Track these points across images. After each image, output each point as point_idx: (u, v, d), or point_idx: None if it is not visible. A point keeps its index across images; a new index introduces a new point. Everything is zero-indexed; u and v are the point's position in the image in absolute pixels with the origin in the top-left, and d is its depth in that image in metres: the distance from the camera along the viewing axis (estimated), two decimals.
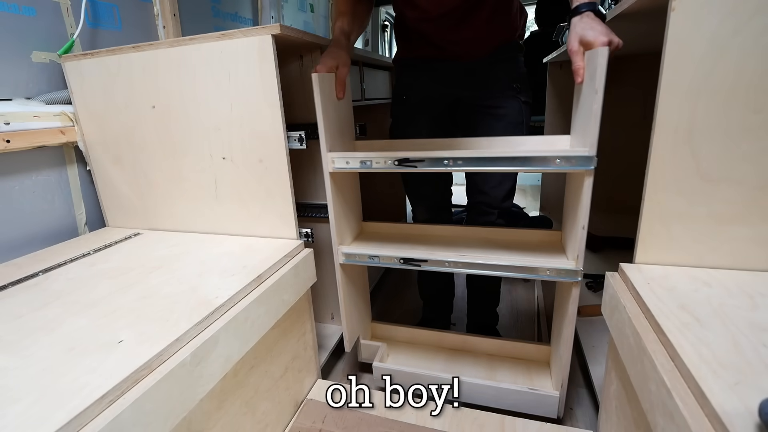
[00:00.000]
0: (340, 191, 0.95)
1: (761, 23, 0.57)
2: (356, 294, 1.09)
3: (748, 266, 0.67)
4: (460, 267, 0.87)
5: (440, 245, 0.97)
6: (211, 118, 0.90)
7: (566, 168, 0.74)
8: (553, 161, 0.74)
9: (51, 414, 0.43)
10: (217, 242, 0.93)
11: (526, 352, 1.08)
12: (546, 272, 0.82)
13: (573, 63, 0.74)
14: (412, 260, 0.90)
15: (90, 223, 1.08)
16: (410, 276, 1.84)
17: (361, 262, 0.95)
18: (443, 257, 0.88)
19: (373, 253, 0.93)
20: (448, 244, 0.98)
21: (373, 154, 0.85)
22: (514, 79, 1.03)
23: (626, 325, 0.60)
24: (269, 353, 0.80)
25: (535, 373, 1.04)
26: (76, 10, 1.01)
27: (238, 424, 0.71)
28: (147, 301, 0.67)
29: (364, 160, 0.85)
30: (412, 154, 0.81)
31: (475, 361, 1.09)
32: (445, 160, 0.79)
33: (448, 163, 0.79)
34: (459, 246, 0.96)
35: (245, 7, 1.75)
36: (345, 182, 0.99)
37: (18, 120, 0.88)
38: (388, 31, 3.40)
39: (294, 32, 0.84)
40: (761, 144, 0.61)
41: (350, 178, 1.03)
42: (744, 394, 0.42)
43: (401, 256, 0.90)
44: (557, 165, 0.74)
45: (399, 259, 0.91)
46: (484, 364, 1.08)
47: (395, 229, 1.10)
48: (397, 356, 1.13)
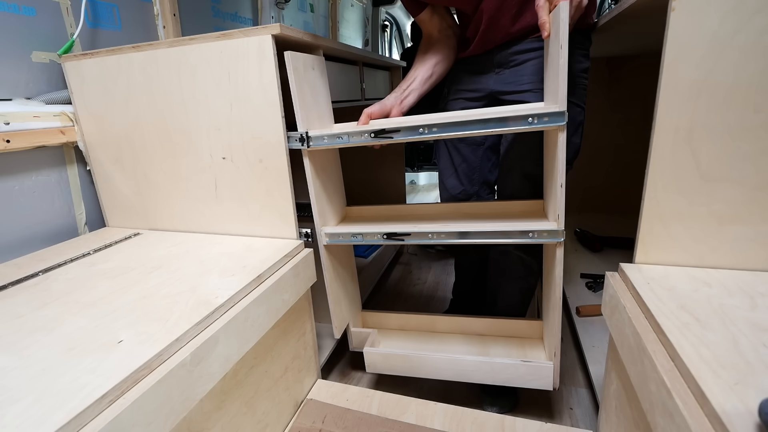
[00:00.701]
0: (320, 172, 0.94)
1: (761, 23, 0.57)
2: (344, 279, 1.08)
3: (748, 266, 0.67)
4: (443, 237, 0.87)
5: (424, 221, 0.98)
6: (211, 118, 0.90)
7: (539, 125, 0.75)
8: (526, 119, 0.75)
9: (51, 414, 0.43)
10: (217, 242, 0.94)
11: (518, 329, 1.07)
12: (529, 235, 0.82)
13: (539, 18, 0.74)
14: (396, 234, 0.89)
15: (90, 223, 1.08)
16: (411, 276, 1.84)
17: (345, 241, 0.94)
18: (427, 229, 0.88)
19: (356, 231, 0.93)
20: (432, 219, 0.98)
21: (349, 129, 0.85)
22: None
23: (626, 325, 0.60)
24: (269, 353, 0.80)
25: (528, 348, 1.03)
26: (76, 10, 1.01)
27: (238, 424, 0.72)
28: (147, 301, 0.67)
29: (339, 135, 0.85)
30: (388, 125, 0.82)
31: (467, 341, 1.09)
32: (420, 128, 0.79)
33: (423, 130, 0.79)
34: (442, 220, 0.97)
35: (245, 7, 1.75)
36: (325, 163, 0.98)
37: (18, 120, 0.88)
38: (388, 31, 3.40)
39: (294, 32, 0.84)
40: (761, 144, 0.61)
41: (331, 161, 1.02)
42: (744, 394, 0.42)
43: (384, 232, 0.90)
44: (530, 123, 0.75)
45: (382, 235, 0.90)
46: (477, 343, 1.07)
47: (380, 210, 1.10)
48: (389, 342, 1.12)
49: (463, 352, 1.04)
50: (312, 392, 0.98)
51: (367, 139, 0.83)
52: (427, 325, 1.15)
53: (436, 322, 1.14)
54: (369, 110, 0.97)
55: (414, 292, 1.69)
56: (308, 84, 0.89)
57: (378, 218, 1.05)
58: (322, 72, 0.98)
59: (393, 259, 1.96)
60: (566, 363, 1.21)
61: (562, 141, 0.75)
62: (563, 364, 1.20)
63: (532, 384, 0.92)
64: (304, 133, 0.86)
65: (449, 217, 1.00)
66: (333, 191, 1.03)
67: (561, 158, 0.75)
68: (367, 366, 1.02)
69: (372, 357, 1.02)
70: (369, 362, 1.02)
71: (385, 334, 1.15)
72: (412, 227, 0.89)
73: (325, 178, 0.97)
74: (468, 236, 0.85)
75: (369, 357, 1.02)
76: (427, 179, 3.68)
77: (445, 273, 1.86)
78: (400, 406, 0.91)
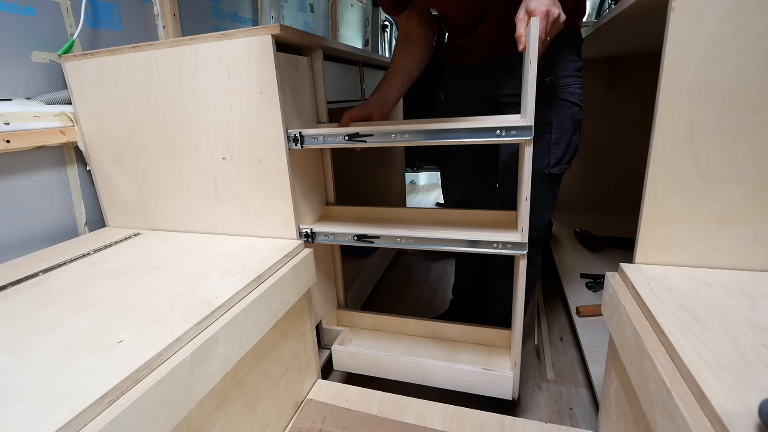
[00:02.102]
0: (297, 171, 0.95)
1: (761, 23, 0.57)
2: (319, 276, 1.08)
3: (748, 266, 0.67)
4: (411, 242, 0.90)
5: (397, 224, 0.99)
6: (211, 118, 0.90)
7: (506, 138, 0.77)
8: (494, 132, 0.77)
9: (51, 414, 0.43)
10: (217, 242, 0.93)
11: (487, 337, 1.09)
12: (494, 245, 0.84)
13: (516, 30, 0.75)
14: (366, 237, 0.91)
15: (90, 223, 1.08)
16: (411, 276, 1.84)
17: (317, 240, 0.96)
18: (396, 233, 0.90)
19: (328, 231, 0.94)
20: (406, 224, 1.00)
21: (325, 131, 0.86)
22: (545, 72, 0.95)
23: (626, 325, 0.60)
24: (269, 353, 0.80)
25: (495, 357, 1.04)
26: (76, 10, 1.01)
27: (238, 424, 0.72)
28: (147, 301, 0.67)
29: (315, 136, 0.87)
30: (362, 129, 0.84)
31: (437, 346, 1.10)
32: (392, 134, 0.82)
33: (396, 137, 0.82)
34: (416, 225, 0.98)
35: (245, 7, 1.75)
36: (302, 162, 0.99)
37: (18, 120, 0.88)
38: (388, 31, 3.40)
39: (294, 32, 0.84)
40: (761, 144, 0.61)
41: (309, 160, 1.03)
42: (744, 394, 0.42)
43: (355, 233, 0.92)
44: (498, 135, 0.77)
45: (353, 236, 0.93)
46: (446, 348, 1.09)
47: (360, 211, 1.11)
48: (360, 341, 1.14)
49: (431, 356, 1.05)
50: (312, 392, 0.98)
51: (341, 142, 0.85)
52: (399, 327, 1.16)
53: (408, 325, 1.15)
54: (350, 112, 0.99)
55: (414, 292, 1.69)
56: (290, 84, 0.91)
57: (355, 219, 1.07)
58: (305, 72, 0.98)
59: (393, 259, 1.96)
60: (566, 363, 1.21)
61: (527, 155, 0.76)
62: (563, 363, 1.21)
63: (492, 392, 0.93)
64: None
65: (425, 222, 1.02)
66: (310, 190, 1.04)
67: (527, 173, 0.77)
68: (335, 363, 1.04)
69: (340, 355, 1.03)
70: (336, 360, 1.04)
71: (357, 333, 1.17)
72: (381, 230, 0.92)
73: (301, 177, 0.98)
74: (435, 243, 0.88)
75: (337, 355, 1.03)
76: (427, 179, 3.68)
77: (445, 273, 1.86)
78: (400, 406, 0.91)
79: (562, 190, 1.05)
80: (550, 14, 0.72)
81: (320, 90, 1.02)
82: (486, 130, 0.77)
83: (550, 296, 1.57)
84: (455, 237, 0.87)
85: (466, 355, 1.05)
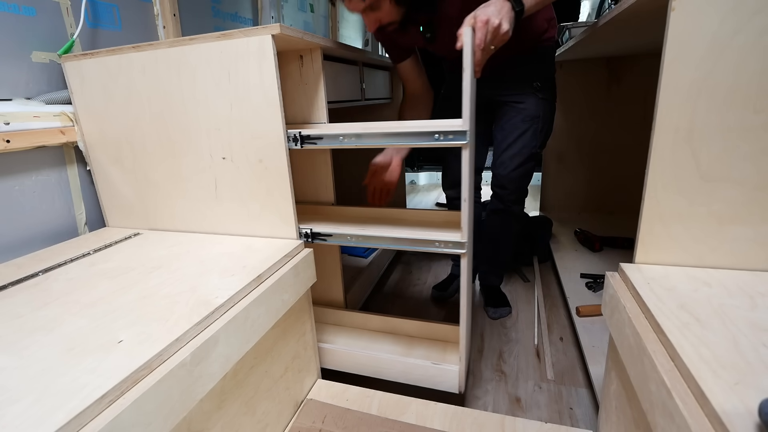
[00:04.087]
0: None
1: (761, 23, 0.57)
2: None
3: (748, 266, 0.67)
4: (360, 240, 0.94)
5: (359, 223, 1.03)
6: (210, 118, 0.90)
7: (444, 142, 0.80)
8: (432, 136, 0.81)
9: (50, 414, 0.43)
10: (217, 242, 0.93)
11: (442, 333, 1.13)
12: (435, 244, 0.88)
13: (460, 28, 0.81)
14: (320, 235, 0.95)
15: (90, 223, 1.08)
16: (410, 276, 1.84)
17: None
18: (346, 231, 0.94)
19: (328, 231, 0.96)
20: (361, 222, 1.05)
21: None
22: (533, 78, 1.20)
23: (626, 325, 0.60)
24: (269, 353, 0.80)
25: (450, 352, 1.08)
26: (76, 10, 1.01)
27: (238, 424, 0.72)
28: (147, 301, 0.67)
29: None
30: (313, 132, 0.88)
31: (395, 341, 1.14)
32: (340, 136, 0.86)
33: (343, 139, 0.86)
34: (370, 224, 1.03)
35: (245, 7, 1.75)
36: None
37: (18, 120, 0.88)
38: None
39: (294, 32, 0.84)
40: (761, 144, 0.61)
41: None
42: (744, 394, 0.42)
43: (310, 231, 0.96)
44: (436, 139, 0.80)
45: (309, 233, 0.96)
46: (404, 343, 1.13)
47: (328, 210, 1.14)
48: (321, 336, 1.16)
49: (389, 351, 1.10)
50: (312, 392, 0.98)
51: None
52: (361, 322, 1.20)
53: (369, 321, 1.19)
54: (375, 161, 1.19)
55: (414, 292, 1.69)
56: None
57: (323, 218, 1.10)
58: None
59: (393, 259, 1.96)
60: (566, 363, 1.21)
61: (465, 158, 0.80)
62: (563, 363, 1.21)
63: (440, 386, 0.98)
64: None
65: (380, 221, 1.07)
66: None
67: (465, 175, 0.81)
68: None
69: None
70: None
71: (319, 328, 1.20)
72: (334, 229, 0.95)
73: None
74: (382, 241, 0.92)
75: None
76: (427, 179, 3.68)
77: (445, 273, 1.86)
78: (400, 406, 0.91)
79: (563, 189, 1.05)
80: (490, 23, 0.79)
81: (320, 90, 1.02)
82: (424, 134, 0.81)
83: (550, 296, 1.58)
84: (400, 236, 0.91)
85: (422, 350, 1.11)
